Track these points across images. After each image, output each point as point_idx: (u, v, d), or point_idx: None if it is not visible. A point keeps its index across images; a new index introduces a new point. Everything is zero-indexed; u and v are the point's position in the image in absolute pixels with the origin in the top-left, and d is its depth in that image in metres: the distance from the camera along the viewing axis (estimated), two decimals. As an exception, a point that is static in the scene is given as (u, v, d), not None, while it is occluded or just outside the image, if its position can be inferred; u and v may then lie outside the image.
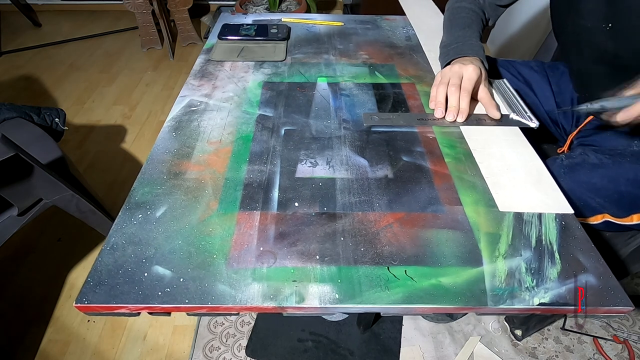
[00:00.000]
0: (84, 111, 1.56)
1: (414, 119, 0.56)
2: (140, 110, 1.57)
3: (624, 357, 0.81)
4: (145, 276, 0.35)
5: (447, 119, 0.54)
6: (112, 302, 0.33)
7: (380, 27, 0.82)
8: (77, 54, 1.94)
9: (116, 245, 0.37)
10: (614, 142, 0.60)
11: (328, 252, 0.38)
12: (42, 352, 0.85)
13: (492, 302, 0.34)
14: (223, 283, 0.35)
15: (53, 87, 1.70)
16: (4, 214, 0.70)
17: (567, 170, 0.55)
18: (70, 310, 0.93)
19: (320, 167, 0.47)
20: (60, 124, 0.89)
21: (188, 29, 1.95)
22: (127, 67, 1.84)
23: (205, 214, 0.41)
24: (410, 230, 0.40)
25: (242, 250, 0.38)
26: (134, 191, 0.43)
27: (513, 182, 0.45)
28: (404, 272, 0.36)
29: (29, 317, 0.91)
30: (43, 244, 1.07)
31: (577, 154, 0.57)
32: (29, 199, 0.71)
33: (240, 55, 0.70)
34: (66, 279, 0.99)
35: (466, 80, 0.54)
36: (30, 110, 0.87)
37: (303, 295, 0.34)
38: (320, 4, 2.10)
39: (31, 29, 2.15)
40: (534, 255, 0.38)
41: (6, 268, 1.01)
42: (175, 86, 1.71)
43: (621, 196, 0.52)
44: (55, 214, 1.12)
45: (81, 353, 0.85)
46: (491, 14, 0.72)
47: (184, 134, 0.52)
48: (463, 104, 0.54)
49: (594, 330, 0.85)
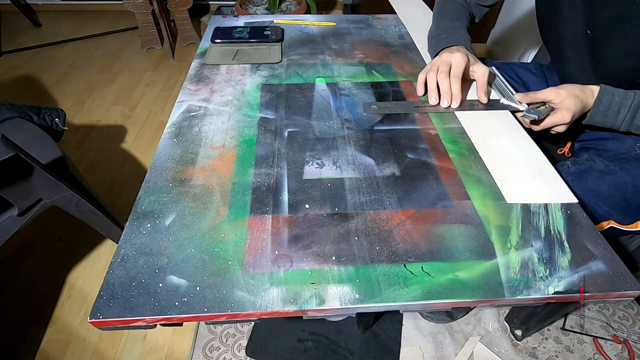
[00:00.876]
0: (84, 111, 1.54)
1: (411, 106, 0.58)
2: (140, 110, 1.55)
3: (624, 357, 0.82)
4: (160, 287, 0.34)
5: (441, 104, 0.57)
6: (128, 315, 0.32)
7: (372, 27, 0.82)
8: (77, 54, 1.91)
9: (127, 257, 0.37)
10: (616, 146, 0.60)
11: (344, 253, 0.37)
12: (42, 352, 0.84)
13: (509, 293, 0.34)
14: (241, 289, 0.34)
15: (53, 87, 1.67)
16: (4, 214, 0.69)
17: (575, 178, 0.55)
18: (70, 310, 0.91)
19: (327, 167, 0.47)
20: (60, 124, 0.88)
21: (188, 29, 1.94)
22: (127, 67, 1.82)
23: (216, 220, 0.40)
24: (422, 226, 0.40)
25: (257, 255, 0.37)
26: (140, 200, 0.42)
27: (517, 175, 0.46)
28: (420, 268, 0.36)
29: (29, 317, 0.90)
30: (43, 244, 1.05)
31: (583, 159, 0.58)
32: (29, 199, 0.70)
33: (236, 58, 0.69)
34: (66, 279, 0.98)
35: (455, 67, 0.56)
36: (30, 110, 0.85)
37: (323, 297, 0.34)
38: (320, 4, 2.10)
39: (31, 29, 2.12)
40: (544, 245, 0.38)
41: (6, 268, 0.99)
42: (175, 86, 1.70)
43: (628, 203, 0.53)
44: (55, 214, 1.10)
45: (81, 353, 0.84)
46: (476, 12, 0.73)
47: (186, 140, 0.51)
48: (455, 90, 0.56)
49: (594, 330, 0.86)
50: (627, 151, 0.57)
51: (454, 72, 0.56)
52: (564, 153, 0.71)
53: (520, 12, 1.64)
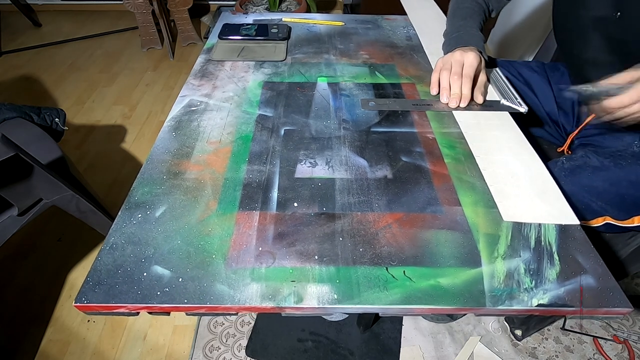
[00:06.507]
0: (84, 111, 1.56)
1: (409, 104, 0.58)
2: (140, 110, 1.57)
3: (624, 357, 0.81)
4: (145, 276, 0.35)
5: (450, 105, 0.57)
6: (111, 301, 0.33)
7: (381, 27, 0.82)
8: (77, 54, 1.94)
9: (115, 245, 0.38)
10: (615, 143, 0.60)
11: (327, 253, 0.38)
12: (42, 352, 0.86)
13: (491, 303, 0.34)
14: (222, 283, 0.35)
15: (53, 87, 1.70)
16: (4, 214, 0.70)
17: (569, 173, 0.55)
18: (70, 310, 0.93)
19: (320, 167, 0.47)
20: (60, 124, 0.90)
21: (188, 29, 1.95)
22: (127, 67, 1.84)
23: (205, 214, 0.41)
24: (409, 230, 0.40)
25: (241, 250, 0.38)
26: (134, 191, 0.43)
27: (517, 191, 0.44)
28: (402, 272, 0.36)
29: (29, 317, 0.91)
30: (43, 244, 1.07)
31: (578, 156, 0.57)
32: (29, 199, 0.71)
33: (241, 55, 0.70)
34: (66, 279, 0.99)
35: (468, 67, 0.56)
36: (30, 110, 0.87)
37: (301, 296, 0.34)
38: (320, 4, 2.10)
39: (31, 29, 2.15)
40: (533, 256, 0.38)
41: (6, 268, 1.01)
42: (175, 86, 1.72)
43: (622, 199, 0.52)
44: (55, 214, 1.12)
45: (81, 353, 0.85)
46: (495, 5, 0.72)
47: (184, 134, 0.52)
48: (465, 90, 0.56)
49: (594, 330, 0.85)
50: (625, 148, 0.56)
51: (466, 72, 0.56)
52: (564, 151, 0.70)
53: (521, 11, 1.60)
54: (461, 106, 0.56)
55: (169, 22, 1.98)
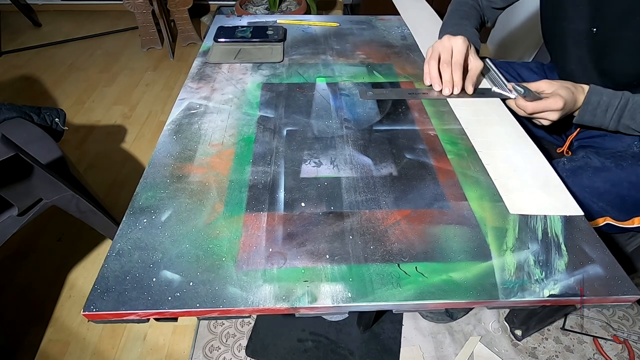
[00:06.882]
0: (84, 111, 1.55)
1: (405, 93, 0.60)
2: (140, 110, 1.56)
3: (624, 357, 0.81)
4: (154, 281, 0.34)
5: (443, 93, 0.58)
6: (121, 308, 0.32)
7: (375, 27, 0.82)
8: (77, 54, 1.93)
9: (122, 251, 0.37)
10: (614, 144, 0.60)
11: (337, 251, 0.37)
12: (42, 352, 0.85)
13: (504, 295, 0.34)
14: (234, 285, 0.34)
15: (53, 87, 1.69)
16: (4, 214, 0.69)
17: (570, 174, 0.55)
18: (70, 310, 0.92)
19: (325, 166, 0.47)
20: (60, 124, 0.88)
21: (188, 29, 1.95)
22: (127, 67, 1.83)
23: (211, 216, 0.40)
24: (417, 227, 0.40)
25: (251, 252, 0.37)
26: (137, 196, 0.42)
27: (521, 185, 0.44)
28: (414, 268, 0.36)
29: (29, 317, 0.90)
30: (43, 244, 1.06)
31: (579, 156, 0.58)
32: (29, 199, 0.70)
33: (238, 57, 0.69)
34: (66, 279, 0.98)
35: (457, 53, 0.57)
36: (30, 110, 0.86)
37: (315, 295, 0.34)
38: (320, 4, 2.11)
39: (31, 29, 2.14)
40: (541, 247, 0.38)
41: (6, 268, 1.00)
42: (175, 86, 1.71)
43: (623, 200, 0.53)
44: (55, 214, 1.11)
45: (81, 353, 0.85)
46: (489, 16, 0.74)
47: (185, 137, 0.51)
48: (456, 77, 0.57)
49: (594, 330, 0.85)
50: (625, 149, 0.57)
51: (456, 58, 0.57)
52: (563, 152, 0.71)
53: (521, 12, 1.64)
54: (454, 93, 0.57)
55: (169, 22, 1.97)
